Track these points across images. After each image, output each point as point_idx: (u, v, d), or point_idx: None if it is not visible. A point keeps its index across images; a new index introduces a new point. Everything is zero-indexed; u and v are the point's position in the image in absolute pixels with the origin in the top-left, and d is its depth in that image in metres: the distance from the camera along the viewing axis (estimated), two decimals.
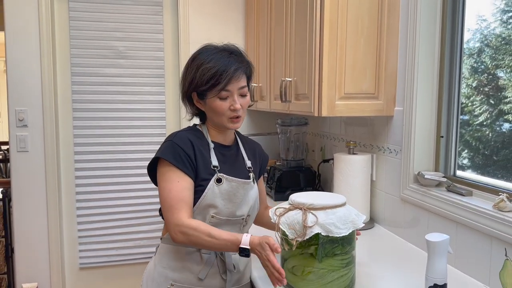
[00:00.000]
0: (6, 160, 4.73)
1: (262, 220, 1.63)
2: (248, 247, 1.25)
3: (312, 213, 1.24)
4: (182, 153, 1.33)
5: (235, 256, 1.42)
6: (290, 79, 2.03)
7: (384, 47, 1.80)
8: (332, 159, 2.05)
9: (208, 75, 1.34)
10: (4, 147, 5.48)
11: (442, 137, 1.69)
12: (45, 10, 2.62)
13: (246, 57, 1.44)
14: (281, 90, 2.05)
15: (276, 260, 1.22)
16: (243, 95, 1.39)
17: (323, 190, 2.45)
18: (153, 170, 1.40)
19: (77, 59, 2.77)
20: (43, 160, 2.70)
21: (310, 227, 1.21)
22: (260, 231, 1.58)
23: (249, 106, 1.53)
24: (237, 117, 1.38)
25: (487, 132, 1.54)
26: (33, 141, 2.69)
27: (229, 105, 1.36)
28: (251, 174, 1.48)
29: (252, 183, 1.46)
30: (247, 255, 1.26)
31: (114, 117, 2.86)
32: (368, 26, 1.77)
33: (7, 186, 2.87)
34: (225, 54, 1.38)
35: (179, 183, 1.31)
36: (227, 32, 2.94)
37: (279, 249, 1.24)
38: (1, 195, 2.97)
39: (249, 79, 1.44)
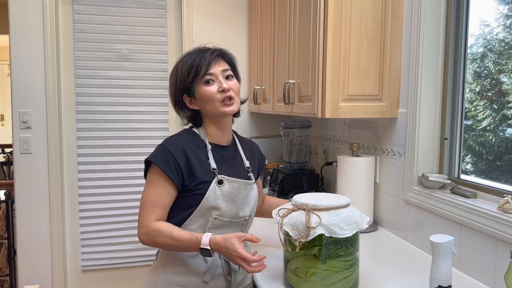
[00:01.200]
0: (9, 162, 4.75)
1: (261, 211, 1.67)
2: (207, 247, 1.25)
3: (315, 214, 1.23)
4: (171, 159, 1.33)
5: None
6: (293, 81, 2.02)
7: (388, 49, 1.80)
8: (336, 161, 2.04)
9: (187, 66, 1.37)
10: (7, 150, 5.52)
11: (446, 139, 1.68)
12: (50, 13, 2.63)
13: (225, 49, 1.46)
14: (284, 92, 2.05)
15: (244, 251, 1.22)
16: (228, 78, 1.39)
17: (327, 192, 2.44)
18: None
19: (81, 62, 2.78)
20: (46, 162, 2.70)
21: (314, 228, 1.20)
22: (262, 230, 1.58)
23: (243, 102, 1.52)
24: (230, 98, 1.37)
25: (490, 137, 1.54)
26: (36, 143, 2.69)
27: (217, 88, 1.36)
28: (250, 174, 1.47)
29: (253, 183, 1.46)
30: (209, 255, 1.27)
31: (118, 119, 2.86)
32: (372, 28, 1.77)
33: (10, 188, 2.88)
34: (201, 48, 1.42)
35: (158, 188, 1.33)
36: (231, 34, 2.95)
37: (254, 238, 1.26)
38: (4, 197, 2.98)
39: (232, 67, 1.44)
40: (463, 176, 1.65)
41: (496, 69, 1.52)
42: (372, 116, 1.82)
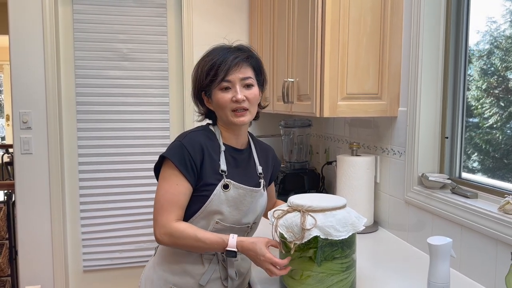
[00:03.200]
0: (13, 163, 4.76)
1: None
2: (234, 249, 1.25)
3: (311, 215, 1.21)
4: (188, 157, 1.29)
5: (237, 262, 1.39)
6: (292, 80, 2.00)
7: (388, 46, 1.77)
8: (335, 161, 2.01)
9: (207, 68, 1.32)
10: (11, 150, 5.54)
11: (447, 138, 1.65)
12: (49, 13, 2.62)
13: (253, 50, 1.39)
14: (284, 91, 2.02)
15: (273, 256, 1.22)
16: (248, 87, 1.34)
17: (327, 193, 2.42)
18: (159, 168, 1.36)
19: (81, 61, 2.77)
20: (47, 162, 2.70)
21: (309, 229, 1.18)
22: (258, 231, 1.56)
23: (263, 107, 1.49)
24: (242, 109, 1.32)
25: (497, 135, 1.51)
26: (37, 143, 2.69)
27: (231, 96, 1.31)
28: (262, 181, 1.43)
29: (262, 190, 1.41)
30: (234, 257, 1.26)
31: (118, 119, 2.85)
32: (371, 25, 1.74)
33: (11, 188, 2.88)
34: (227, 48, 1.36)
35: (177, 186, 1.29)
36: (231, 34, 2.92)
37: (278, 245, 1.25)
38: (5, 197, 2.98)
39: (256, 72, 1.38)
40: (465, 175, 1.62)
41: (503, 66, 1.49)
42: (372, 115, 1.79)
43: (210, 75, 1.31)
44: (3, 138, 8.56)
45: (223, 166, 1.34)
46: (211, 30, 2.88)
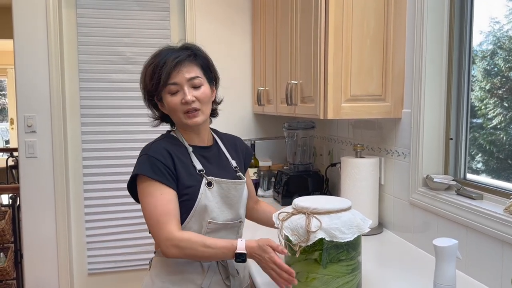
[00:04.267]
0: (18, 166, 4.77)
1: (253, 215, 1.58)
2: (244, 251, 1.22)
3: (315, 217, 1.21)
4: (160, 165, 1.26)
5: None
6: (295, 82, 2.00)
7: (391, 48, 1.77)
8: (339, 162, 2.01)
9: (150, 71, 1.30)
10: (16, 154, 5.56)
11: (452, 139, 1.65)
12: (53, 17, 2.63)
13: (199, 48, 1.35)
14: (287, 93, 2.03)
15: (281, 260, 1.19)
16: (196, 87, 1.30)
17: (331, 195, 2.41)
18: (133, 187, 1.33)
19: (85, 65, 2.78)
20: (51, 165, 2.71)
21: (314, 232, 1.18)
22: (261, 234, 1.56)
23: (218, 103, 1.44)
24: (194, 110, 1.29)
25: (501, 136, 1.50)
26: (41, 146, 2.70)
27: (180, 99, 1.28)
28: (240, 174, 1.42)
29: (244, 183, 1.40)
30: (244, 261, 1.23)
31: (122, 122, 2.86)
32: (374, 27, 1.74)
33: (16, 192, 2.89)
34: (170, 49, 1.32)
35: (163, 196, 1.25)
36: (234, 36, 2.93)
37: (285, 250, 1.22)
38: (11, 201, 2.99)
39: (205, 69, 1.34)
40: (470, 176, 1.62)
41: (507, 66, 1.48)
42: (375, 117, 1.79)
43: (154, 78, 1.29)
44: (7, 142, 8.59)
45: (198, 166, 1.32)
46: (214, 33, 2.89)
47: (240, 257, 1.22)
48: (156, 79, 1.28)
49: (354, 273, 1.24)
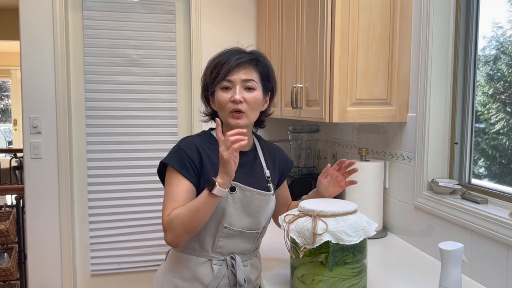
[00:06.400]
0: (22, 167, 4.79)
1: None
2: (226, 189, 1.20)
3: (322, 220, 1.21)
4: (185, 158, 1.30)
5: (246, 268, 1.39)
6: (301, 85, 2.01)
7: (397, 52, 1.78)
8: None
9: (212, 66, 1.35)
10: (20, 155, 5.58)
11: (457, 143, 1.65)
12: (60, 19, 2.65)
13: (264, 56, 1.39)
14: (292, 96, 2.03)
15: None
16: (249, 89, 1.33)
17: (335, 198, 2.41)
18: (163, 174, 1.37)
19: (90, 67, 2.80)
20: (56, 166, 2.72)
21: (320, 234, 1.18)
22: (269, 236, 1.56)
23: (268, 115, 1.46)
24: (239, 111, 1.31)
25: (504, 141, 1.50)
26: (46, 147, 2.71)
27: (230, 96, 1.31)
28: (270, 185, 1.41)
29: (271, 195, 1.40)
30: (227, 192, 1.23)
31: (127, 124, 2.88)
32: (380, 31, 1.75)
33: (20, 192, 2.90)
34: (236, 50, 1.37)
35: (178, 187, 1.29)
36: (239, 39, 2.94)
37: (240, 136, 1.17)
38: (15, 201, 3.00)
39: (263, 77, 1.37)
40: (475, 181, 1.62)
41: (510, 71, 1.49)
42: (381, 121, 1.79)
43: (213, 73, 1.34)
44: (10, 143, 8.61)
45: None
46: (219, 36, 2.90)
47: (212, 186, 1.19)
48: (215, 74, 1.33)
49: (360, 275, 1.25)
